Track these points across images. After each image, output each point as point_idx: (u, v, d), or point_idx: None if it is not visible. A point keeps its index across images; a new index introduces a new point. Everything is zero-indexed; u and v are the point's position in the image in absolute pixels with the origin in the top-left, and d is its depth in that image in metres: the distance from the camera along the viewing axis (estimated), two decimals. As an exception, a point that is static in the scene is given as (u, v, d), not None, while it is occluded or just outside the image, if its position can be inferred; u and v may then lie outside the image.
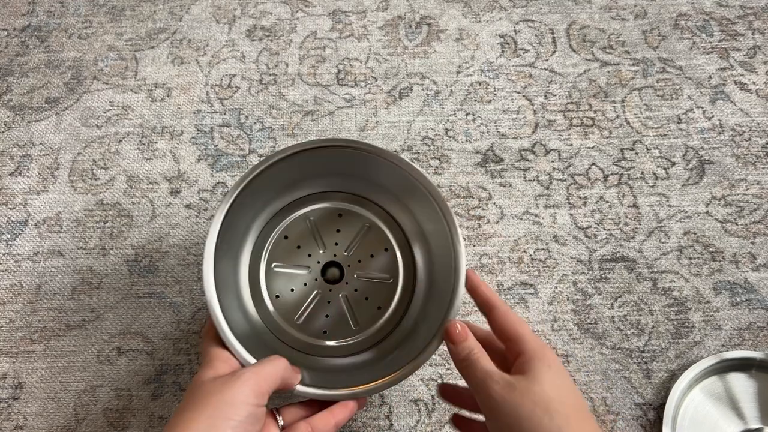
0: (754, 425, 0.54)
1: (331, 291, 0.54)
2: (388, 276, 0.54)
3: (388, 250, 0.55)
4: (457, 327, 0.43)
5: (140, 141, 0.69)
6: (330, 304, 0.53)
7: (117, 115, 0.71)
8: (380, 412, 0.55)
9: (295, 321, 0.53)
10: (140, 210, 0.65)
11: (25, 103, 0.72)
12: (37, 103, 0.72)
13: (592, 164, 0.69)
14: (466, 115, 0.72)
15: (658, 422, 0.56)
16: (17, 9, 0.80)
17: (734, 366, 0.57)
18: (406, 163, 0.50)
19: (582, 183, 0.68)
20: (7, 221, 0.64)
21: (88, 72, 0.75)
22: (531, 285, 0.62)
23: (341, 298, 0.53)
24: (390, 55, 0.76)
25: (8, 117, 0.71)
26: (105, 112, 0.71)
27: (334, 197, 0.57)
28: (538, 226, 0.65)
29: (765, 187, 0.68)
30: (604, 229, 0.65)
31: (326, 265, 0.54)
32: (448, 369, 0.57)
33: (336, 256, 0.55)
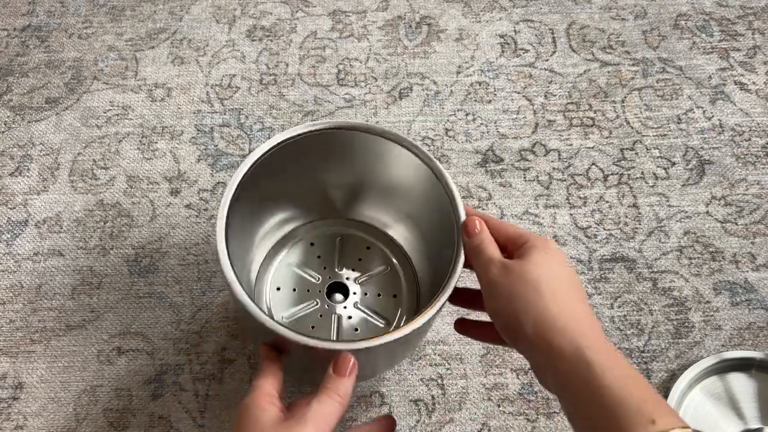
0: (754, 425, 0.54)
1: (327, 307, 0.55)
2: (384, 322, 0.55)
3: (396, 297, 0.56)
4: (476, 225, 0.44)
5: (140, 141, 0.69)
6: (322, 318, 0.54)
7: (117, 115, 0.71)
8: (380, 412, 0.55)
9: (281, 316, 0.54)
10: (140, 210, 0.65)
11: (25, 103, 0.72)
12: (37, 103, 0.72)
13: (592, 164, 0.69)
14: (466, 115, 0.72)
15: (658, 422, 0.56)
16: (17, 9, 0.80)
17: (734, 366, 0.57)
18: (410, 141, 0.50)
19: (582, 183, 0.68)
20: (7, 221, 0.64)
21: (88, 72, 0.75)
22: (531, 285, 0.62)
23: (333, 318, 0.54)
24: (390, 55, 0.77)
25: (8, 117, 0.71)
26: (105, 112, 0.71)
27: (363, 228, 0.59)
28: (538, 226, 0.65)
29: (765, 187, 0.68)
30: (604, 229, 0.65)
31: (334, 284, 0.56)
32: (448, 369, 0.57)
33: (348, 280, 0.56)
